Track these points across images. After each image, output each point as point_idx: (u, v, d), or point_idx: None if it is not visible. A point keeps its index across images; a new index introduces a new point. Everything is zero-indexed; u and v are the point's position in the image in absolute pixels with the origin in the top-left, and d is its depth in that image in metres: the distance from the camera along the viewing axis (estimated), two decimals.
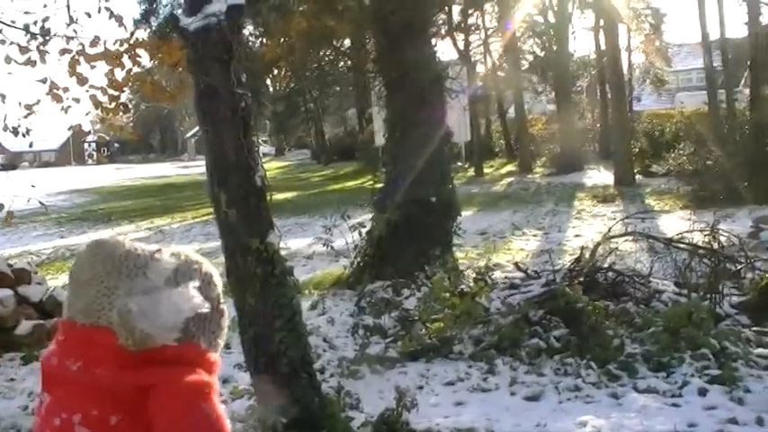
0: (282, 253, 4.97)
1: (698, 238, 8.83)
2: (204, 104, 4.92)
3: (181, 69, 7.19)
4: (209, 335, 1.57)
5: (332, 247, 9.72)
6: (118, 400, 1.48)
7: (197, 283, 1.55)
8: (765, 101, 17.77)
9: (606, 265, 8.31)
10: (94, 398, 1.49)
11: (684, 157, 18.36)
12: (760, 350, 6.16)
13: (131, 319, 1.47)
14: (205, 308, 1.54)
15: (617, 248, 9.15)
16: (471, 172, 30.14)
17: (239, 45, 5.24)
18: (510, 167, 33.04)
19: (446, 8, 28.21)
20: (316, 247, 12.25)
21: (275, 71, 40.85)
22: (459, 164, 29.41)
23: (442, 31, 27.58)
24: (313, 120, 48.05)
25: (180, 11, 5.43)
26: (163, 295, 1.50)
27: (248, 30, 31.56)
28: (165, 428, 1.47)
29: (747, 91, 24.76)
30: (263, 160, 5.24)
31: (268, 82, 46.37)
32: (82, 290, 1.55)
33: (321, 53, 31.98)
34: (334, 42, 31.06)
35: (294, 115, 48.44)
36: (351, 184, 29.44)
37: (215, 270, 1.65)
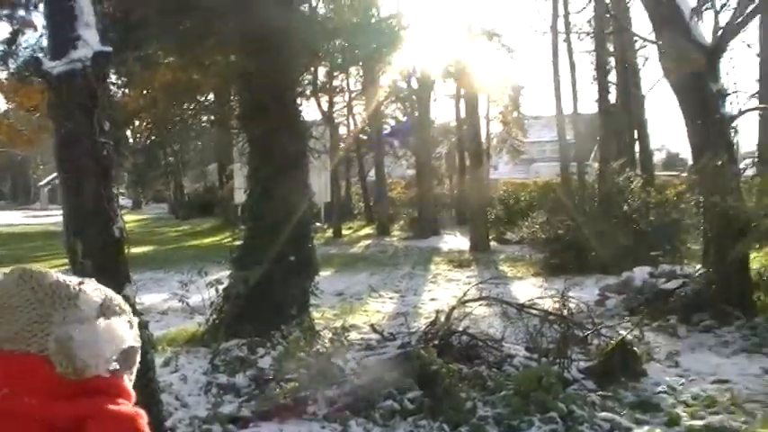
0: (137, 308, 4.82)
1: (549, 305, 9.18)
2: (64, 151, 4.77)
3: (39, 114, 6.96)
4: (128, 369, 1.54)
5: (187, 304, 9.48)
6: (50, 431, 1.39)
7: (126, 317, 1.53)
8: (612, 175, 18.79)
9: (461, 329, 8.48)
10: (25, 428, 1.39)
11: (537, 226, 19.10)
12: (604, 414, 6.40)
13: (72, 347, 1.41)
14: (135, 342, 1.52)
15: (471, 312, 9.37)
16: (330, 233, 30.21)
17: (104, 93, 5.13)
18: (368, 230, 33.39)
19: (312, 69, 28.56)
20: (171, 302, 11.93)
21: (136, 122, 39.94)
22: (319, 224, 29.47)
23: (307, 92, 27.86)
24: (173, 174, 47.21)
25: (42, 54, 5.27)
26: (98, 326, 1.46)
27: (111, 78, 30.74)
28: None
29: (596, 165, 26.11)
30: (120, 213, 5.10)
31: (128, 133, 45.29)
32: (9, 316, 1.45)
33: (185, 106, 31.54)
34: (198, 97, 30.77)
35: (153, 168, 47.42)
36: (208, 240, 28.97)
37: (128, 307, 1.58)
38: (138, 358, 1.58)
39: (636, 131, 26.21)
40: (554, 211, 19.40)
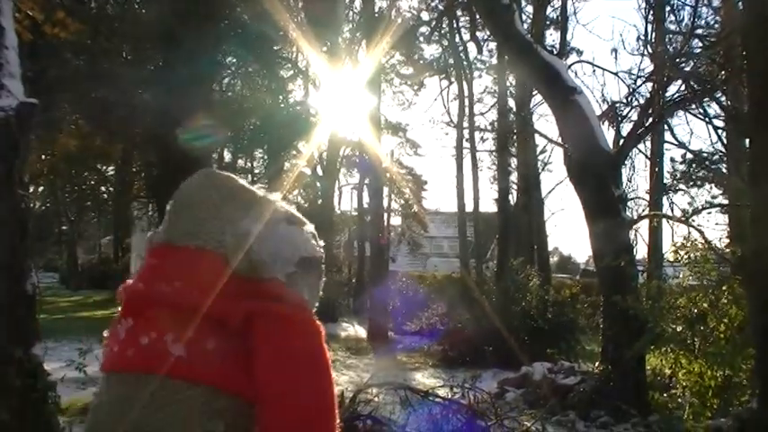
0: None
1: (450, 395, 9.20)
2: None
3: None
4: (311, 289, 1.44)
5: (85, 372, 9.07)
6: (218, 325, 1.37)
7: (309, 229, 1.45)
8: (511, 272, 19.19)
9: (366, 413, 8.39)
10: (191, 320, 1.37)
11: (436, 318, 19.22)
12: None
13: (248, 241, 1.39)
14: (319, 252, 1.44)
15: (373, 399, 9.29)
16: None
17: (26, 145, 5.00)
18: None
19: (218, 148, 28.54)
20: (63, 371, 11.38)
21: (32, 187, 38.88)
22: None
23: (214, 168, 27.74)
24: (66, 243, 45.72)
25: None
26: (281, 227, 1.43)
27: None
28: (268, 360, 1.36)
29: (494, 262, 26.66)
30: None
31: None
32: (189, 212, 1.47)
33: (85, 174, 30.92)
34: (99, 166, 30.23)
35: (46, 236, 45.87)
36: (100, 312, 27.94)
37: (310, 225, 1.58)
38: (322, 275, 1.52)
39: (534, 233, 26.96)
40: (453, 304, 19.62)
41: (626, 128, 12.47)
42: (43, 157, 22.74)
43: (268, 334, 1.38)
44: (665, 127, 17.53)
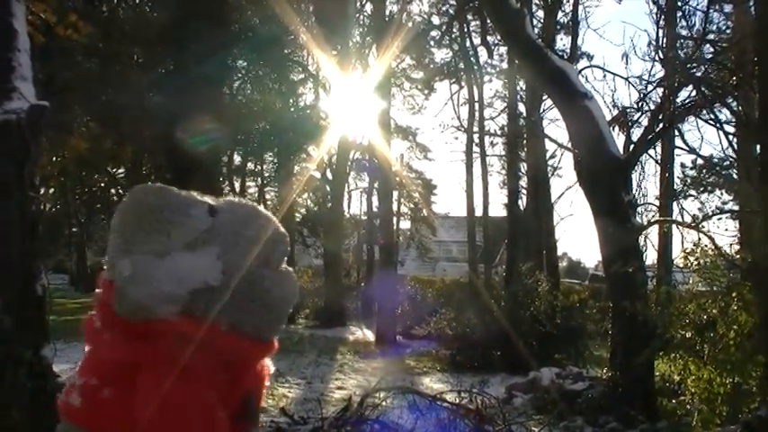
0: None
1: (458, 399, 9.19)
2: None
3: None
4: (204, 313, 1.30)
5: None
6: (113, 371, 1.28)
7: (217, 249, 1.31)
8: (519, 277, 19.17)
9: (374, 417, 8.39)
10: (96, 365, 1.31)
11: (445, 322, 19.21)
12: None
13: (124, 283, 1.25)
14: (213, 281, 1.31)
15: (381, 403, 9.29)
16: None
17: (37, 147, 5.01)
18: None
19: (227, 151, 28.60)
20: (73, 372, 11.43)
21: (43, 189, 38.99)
22: None
23: (224, 171, 27.83)
24: (76, 245, 45.84)
25: None
26: (170, 261, 1.27)
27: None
28: (145, 414, 1.23)
29: (503, 266, 26.62)
30: None
31: None
32: (110, 238, 1.34)
33: (95, 177, 30.98)
34: (109, 169, 30.29)
35: (56, 238, 46.01)
36: None
37: (283, 232, 1.40)
38: (219, 303, 1.30)
39: (543, 237, 26.92)
40: (462, 308, 19.60)
41: (636, 133, 12.44)
42: (54, 159, 22.80)
43: (149, 386, 1.26)
44: (676, 132, 17.48)
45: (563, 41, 27.30)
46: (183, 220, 1.31)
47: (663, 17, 14.62)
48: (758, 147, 9.36)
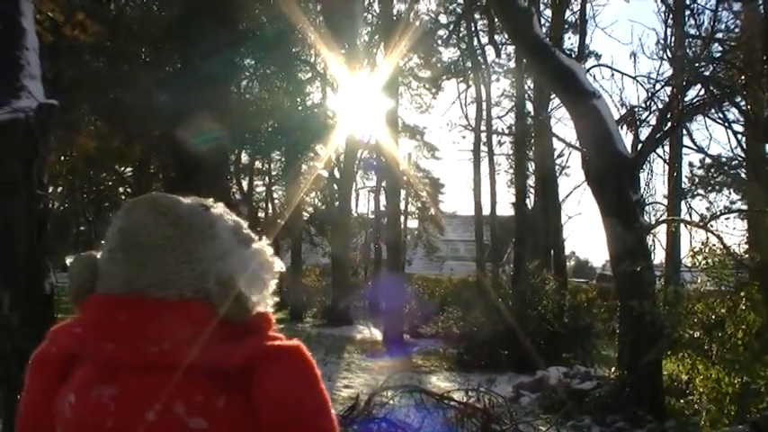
0: None
1: (465, 398, 9.18)
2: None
3: None
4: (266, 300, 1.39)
5: None
6: (221, 379, 1.29)
7: (264, 240, 1.38)
8: (527, 276, 19.12)
9: (381, 416, 8.39)
10: (194, 381, 1.28)
11: (452, 321, 19.19)
12: None
13: (236, 286, 1.28)
14: (281, 267, 1.38)
15: (388, 402, 9.29)
16: None
17: (45, 145, 5.02)
18: (281, 314, 32.93)
19: (235, 150, 28.60)
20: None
21: (51, 188, 39.04)
22: None
23: (231, 169, 27.84)
24: (84, 244, 45.98)
25: None
26: (244, 256, 1.32)
27: None
28: (279, 402, 1.30)
29: (510, 266, 26.58)
30: None
31: None
32: (151, 258, 1.30)
33: (103, 175, 31.04)
34: (117, 168, 30.32)
35: (64, 237, 46.14)
36: None
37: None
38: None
39: (551, 236, 26.86)
40: (469, 307, 19.58)
41: (644, 132, 12.41)
42: (62, 157, 22.82)
43: (273, 378, 1.31)
44: (684, 131, 17.45)
45: (571, 40, 27.23)
46: (218, 221, 1.39)
47: (671, 15, 14.56)
48: (767, 146, 9.34)
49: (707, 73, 12.25)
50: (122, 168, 31.24)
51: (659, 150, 19.90)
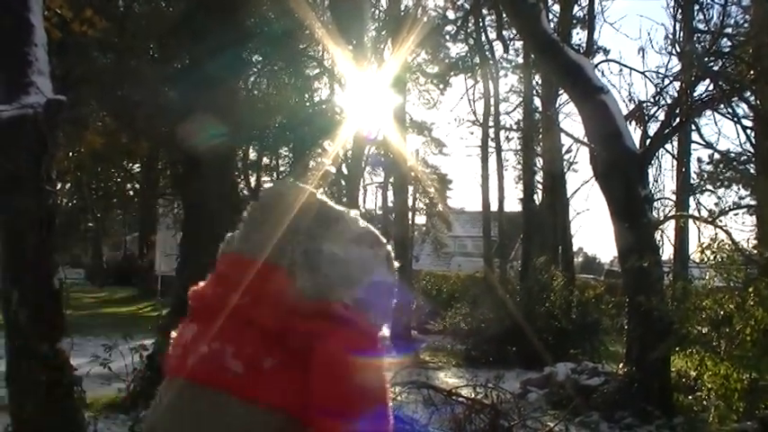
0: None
1: (473, 394, 9.18)
2: (8, 195, 4.63)
3: None
4: (382, 313, 1.43)
5: (110, 368, 9.12)
6: (277, 343, 1.38)
7: (383, 252, 1.42)
8: (535, 272, 19.10)
9: None
10: (253, 336, 1.39)
11: (460, 317, 19.17)
12: None
13: (320, 260, 1.38)
14: (392, 277, 1.40)
15: (397, 397, 9.29)
16: None
17: (54, 141, 5.03)
18: None
19: (243, 146, 28.64)
20: (88, 367, 11.47)
21: (59, 184, 39.15)
22: None
23: (239, 165, 27.87)
24: (92, 240, 46.07)
25: None
26: (354, 249, 1.43)
27: None
28: (323, 386, 1.37)
29: (518, 262, 26.54)
30: None
31: None
32: (271, 229, 1.46)
33: (111, 171, 31.13)
34: (125, 164, 30.43)
35: (72, 233, 46.24)
36: (125, 309, 28.15)
37: (388, 245, 1.57)
38: (393, 302, 1.52)
39: (559, 233, 26.82)
40: (477, 303, 19.56)
41: (653, 127, 12.37)
42: (70, 154, 22.87)
43: (327, 359, 1.38)
44: (693, 127, 17.41)
45: (579, 36, 27.11)
46: (344, 218, 1.53)
47: (680, 10, 14.53)
48: None
49: (716, 68, 12.21)
50: (130, 164, 31.35)
51: (668, 146, 19.89)
